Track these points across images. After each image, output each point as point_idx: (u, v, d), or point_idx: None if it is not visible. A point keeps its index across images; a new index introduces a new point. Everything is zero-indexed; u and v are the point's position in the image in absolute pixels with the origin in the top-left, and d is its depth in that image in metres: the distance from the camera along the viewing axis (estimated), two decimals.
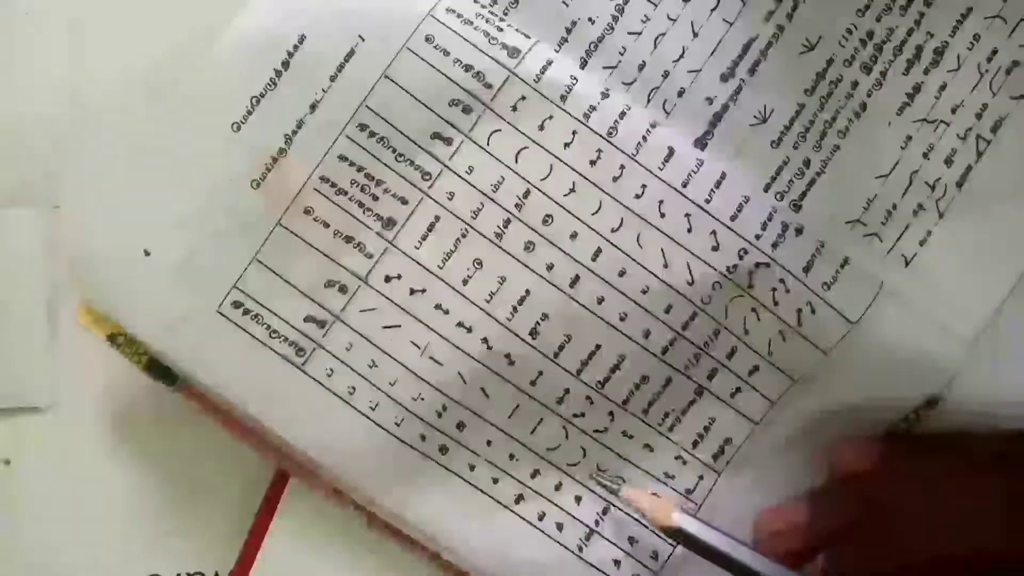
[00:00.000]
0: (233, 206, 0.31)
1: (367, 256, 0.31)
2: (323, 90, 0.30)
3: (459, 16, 0.30)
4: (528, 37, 0.31)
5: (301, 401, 0.31)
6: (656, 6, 0.31)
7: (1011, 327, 0.32)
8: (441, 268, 0.31)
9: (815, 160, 0.32)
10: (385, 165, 0.31)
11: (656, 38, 0.31)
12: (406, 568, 0.34)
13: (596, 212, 0.31)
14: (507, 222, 0.31)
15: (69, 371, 0.34)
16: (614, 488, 0.32)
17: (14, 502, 0.34)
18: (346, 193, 0.31)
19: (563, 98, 0.31)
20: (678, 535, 0.31)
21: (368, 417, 0.31)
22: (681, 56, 0.31)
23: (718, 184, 0.31)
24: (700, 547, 0.31)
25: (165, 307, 0.31)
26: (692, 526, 0.31)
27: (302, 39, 0.30)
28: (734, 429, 0.33)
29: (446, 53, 0.30)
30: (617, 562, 0.33)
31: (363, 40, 0.30)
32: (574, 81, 0.31)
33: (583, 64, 0.31)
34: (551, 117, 0.31)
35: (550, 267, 0.31)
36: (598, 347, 0.32)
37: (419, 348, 0.31)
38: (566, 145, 0.31)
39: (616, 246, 0.31)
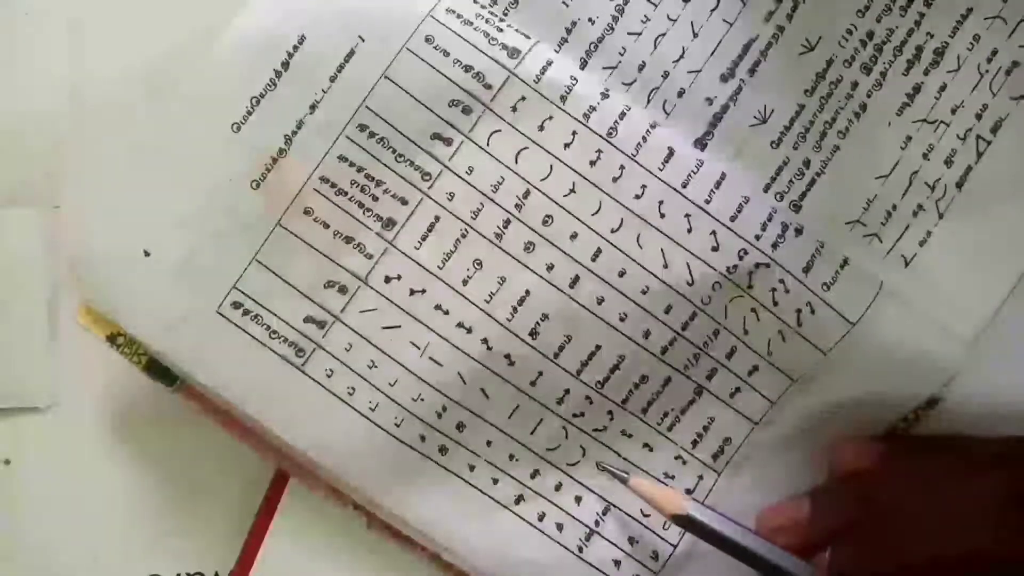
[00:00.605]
0: (233, 206, 0.31)
1: (367, 256, 0.31)
2: (323, 90, 0.30)
3: (459, 16, 0.30)
4: (528, 37, 0.31)
5: (300, 401, 0.31)
6: (656, 6, 0.31)
7: (1011, 327, 0.32)
8: (441, 268, 0.31)
9: (815, 160, 0.32)
10: (385, 165, 0.31)
11: (656, 38, 0.31)
12: (406, 568, 0.34)
13: (596, 212, 0.31)
14: (507, 222, 0.31)
15: (69, 371, 0.34)
16: (623, 477, 0.32)
17: (14, 502, 0.34)
18: (346, 193, 0.31)
19: (563, 98, 0.31)
20: (687, 522, 0.31)
21: (368, 417, 0.31)
22: (681, 56, 0.31)
23: (718, 184, 0.31)
24: (709, 534, 0.31)
25: (165, 307, 0.31)
26: (701, 513, 0.31)
27: (302, 39, 0.30)
28: (734, 429, 0.33)
29: (446, 53, 0.30)
30: (617, 562, 0.33)
31: (363, 40, 0.30)
32: (574, 81, 0.31)
33: (583, 64, 0.31)
34: (551, 117, 0.31)
35: (550, 267, 0.31)
36: (598, 347, 0.32)
37: (419, 349, 0.31)
38: (566, 145, 0.31)
39: (616, 246, 0.31)
